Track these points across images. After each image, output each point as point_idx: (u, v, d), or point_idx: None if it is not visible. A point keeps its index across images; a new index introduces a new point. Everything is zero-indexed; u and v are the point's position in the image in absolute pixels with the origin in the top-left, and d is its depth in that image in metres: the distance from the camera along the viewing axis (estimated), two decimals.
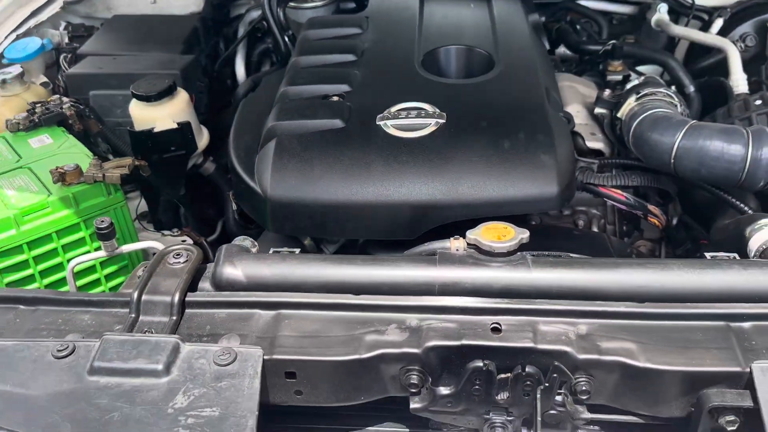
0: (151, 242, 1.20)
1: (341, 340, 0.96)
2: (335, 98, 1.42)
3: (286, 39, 1.91)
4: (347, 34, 1.65)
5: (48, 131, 1.47)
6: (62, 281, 1.27)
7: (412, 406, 0.95)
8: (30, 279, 1.23)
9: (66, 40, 1.94)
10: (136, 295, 1.00)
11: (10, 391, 0.89)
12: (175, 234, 1.57)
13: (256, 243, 1.15)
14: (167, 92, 1.48)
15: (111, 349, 0.92)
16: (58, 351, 0.93)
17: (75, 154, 1.37)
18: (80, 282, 1.30)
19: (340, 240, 1.44)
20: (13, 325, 1.01)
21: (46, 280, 1.24)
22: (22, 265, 1.21)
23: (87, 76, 1.69)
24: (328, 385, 0.96)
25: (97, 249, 1.26)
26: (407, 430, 1.05)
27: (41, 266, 1.23)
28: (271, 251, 1.15)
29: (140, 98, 1.48)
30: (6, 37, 1.77)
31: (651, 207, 1.36)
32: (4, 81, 1.60)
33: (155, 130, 1.46)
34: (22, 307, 1.04)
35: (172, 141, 1.48)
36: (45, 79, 1.77)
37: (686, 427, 0.93)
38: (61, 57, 1.86)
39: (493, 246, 1.03)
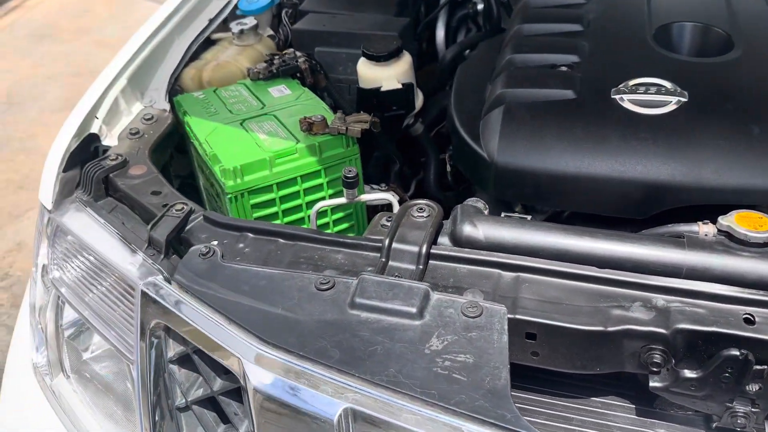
0: (386, 194, 1.28)
1: (585, 311, 0.98)
2: (563, 68, 1.41)
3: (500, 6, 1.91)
4: (571, 3, 1.63)
5: (285, 82, 1.59)
6: (300, 221, 1.38)
7: (653, 384, 0.96)
8: (274, 216, 1.35)
9: None
10: (387, 242, 1.08)
11: (282, 315, 1.00)
12: (383, 189, 1.65)
13: (487, 205, 1.19)
14: (395, 53, 1.55)
15: (369, 288, 1.01)
16: (321, 284, 1.03)
17: (312, 105, 1.47)
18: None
19: (548, 211, 1.46)
20: (275, 256, 1.13)
21: (287, 219, 1.36)
22: (270, 203, 1.33)
23: (312, 32, 1.80)
24: (567, 351, 0.99)
25: (333, 195, 1.37)
26: (633, 406, 1.06)
27: (284, 206, 1.35)
28: (502, 215, 1.19)
29: (370, 57, 1.55)
30: None
31: None
32: (241, 31, 1.74)
33: (382, 89, 1.53)
34: (281, 240, 1.15)
35: (395, 100, 1.55)
36: (271, 32, 1.90)
37: None
38: (283, 12, 1.99)
39: (748, 235, 1.00)
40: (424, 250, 1.07)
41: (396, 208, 1.28)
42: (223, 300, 1.05)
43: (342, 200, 1.26)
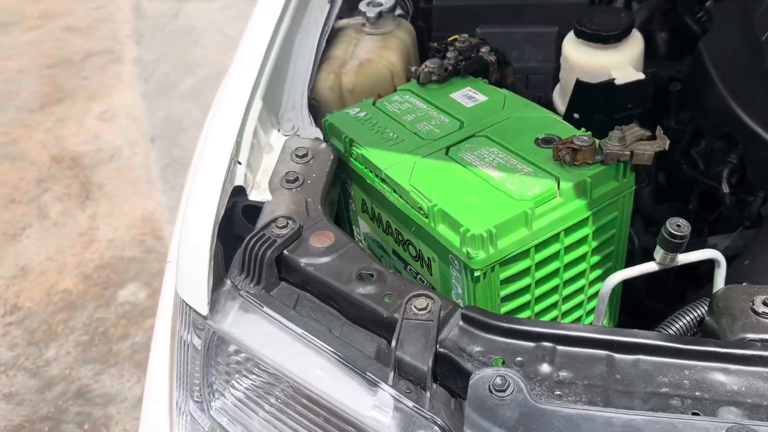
0: (711, 252, 0.86)
1: None
2: None
3: None
4: None
5: (469, 83, 1.14)
6: (553, 291, 0.96)
7: None
8: (525, 290, 0.93)
9: None
10: None
11: None
12: None
13: None
14: (627, 31, 1.11)
15: None
16: None
17: (537, 116, 1.03)
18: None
19: None
20: (613, 383, 0.71)
21: (539, 290, 0.94)
22: (523, 273, 0.91)
23: (465, 8, 1.35)
24: None
25: (597, 249, 0.95)
26: None
27: (539, 273, 0.92)
28: None
29: (592, 38, 1.11)
30: None
31: None
32: (380, 14, 1.27)
33: (617, 81, 1.10)
34: (616, 356, 0.74)
35: (633, 96, 1.12)
36: (400, 11, 1.43)
37: None
38: None
39: None
40: None
41: (723, 269, 0.87)
42: None
43: (651, 267, 0.85)
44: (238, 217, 1.01)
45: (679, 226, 0.80)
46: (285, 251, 0.88)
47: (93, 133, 4.14)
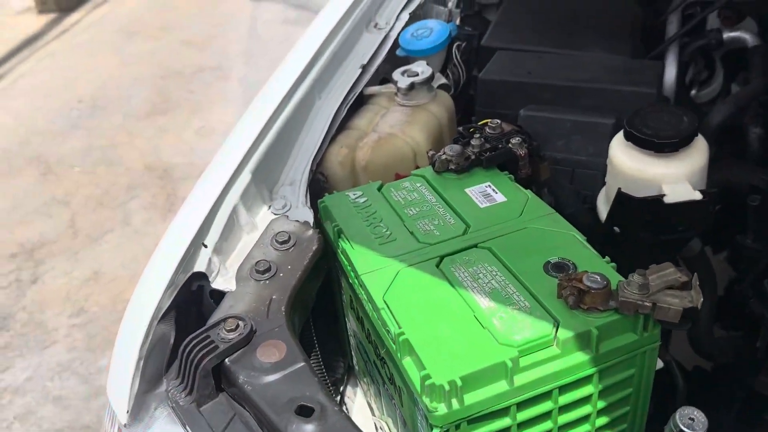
0: None
1: None
2: None
3: None
4: None
5: (490, 177, 0.99)
6: None
7: None
8: None
9: (457, 20, 1.45)
10: None
11: None
12: None
13: None
14: (688, 139, 0.92)
15: None
16: None
17: (556, 232, 0.86)
18: None
19: None
20: None
21: None
22: None
23: (511, 85, 1.19)
24: None
25: (603, 411, 0.76)
26: None
27: None
28: None
29: (643, 144, 0.93)
30: (398, 16, 1.31)
31: None
32: (412, 86, 1.14)
33: (667, 199, 0.91)
34: None
35: (684, 218, 0.92)
36: (444, 80, 1.29)
37: None
38: (454, 47, 1.38)
39: None
40: None
41: None
42: None
43: None
44: (206, 300, 0.91)
45: (692, 420, 0.61)
46: (227, 360, 0.77)
47: (189, 146, 4.27)
